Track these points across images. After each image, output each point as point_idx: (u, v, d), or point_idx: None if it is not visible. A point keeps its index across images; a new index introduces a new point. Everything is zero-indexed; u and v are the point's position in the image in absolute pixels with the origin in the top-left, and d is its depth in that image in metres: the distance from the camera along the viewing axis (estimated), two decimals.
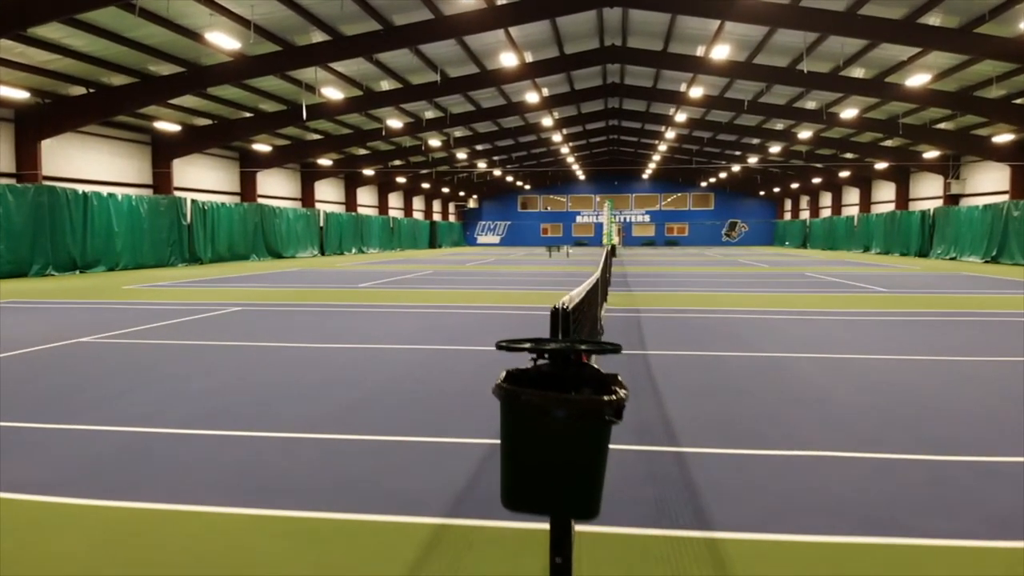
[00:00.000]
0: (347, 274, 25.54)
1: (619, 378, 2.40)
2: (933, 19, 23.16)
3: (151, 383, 6.98)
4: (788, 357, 8.38)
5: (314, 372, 7.56)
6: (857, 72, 30.12)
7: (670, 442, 4.91)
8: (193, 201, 33.19)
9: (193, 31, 21.64)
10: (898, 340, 9.72)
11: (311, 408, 5.98)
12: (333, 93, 27.71)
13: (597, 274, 7.97)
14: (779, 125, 43.72)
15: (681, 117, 42.09)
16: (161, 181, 32.86)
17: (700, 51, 29.42)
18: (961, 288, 18.83)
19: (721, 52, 26.38)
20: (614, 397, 2.23)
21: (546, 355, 2.44)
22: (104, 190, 28.68)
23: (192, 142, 32.81)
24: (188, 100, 29.29)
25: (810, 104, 36.93)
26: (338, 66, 27.61)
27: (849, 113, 34.18)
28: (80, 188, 27.02)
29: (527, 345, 2.40)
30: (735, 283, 20.81)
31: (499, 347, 2.44)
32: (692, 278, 23.15)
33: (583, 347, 2.37)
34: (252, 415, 5.74)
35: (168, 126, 29.89)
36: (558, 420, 2.20)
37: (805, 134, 40.69)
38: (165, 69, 24.78)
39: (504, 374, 2.42)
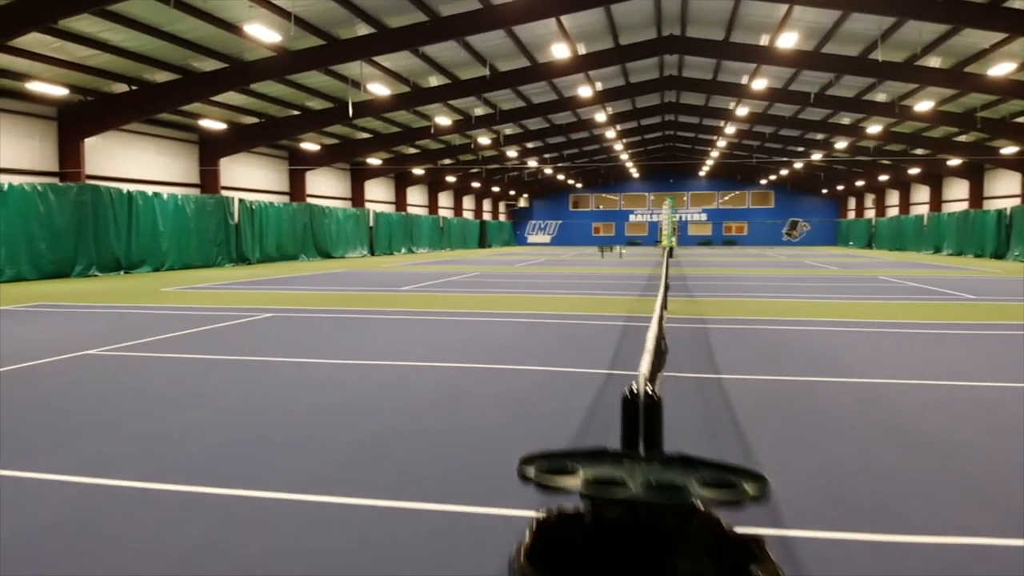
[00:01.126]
0: (392, 275, 24.61)
1: (764, 547, 1.18)
2: (1021, 2, 21.22)
3: (135, 414, 5.95)
4: (892, 384, 6.99)
5: (327, 398, 6.47)
6: (933, 62, 28.09)
7: (771, 519, 3.64)
8: (241, 200, 32.75)
9: (233, 24, 20.91)
10: (1013, 361, 8.23)
11: (310, 453, 4.85)
12: (380, 89, 26.82)
13: (662, 289, 6.72)
14: (846, 119, 41.52)
15: (742, 111, 40.21)
16: (208, 180, 32.45)
17: (764, 40, 27.75)
18: None
19: (788, 40, 24.73)
20: None
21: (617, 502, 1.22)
22: (149, 189, 28.30)
23: (239, 141, 32.33)
24: (234, 98, 28.73)
25: (880, 96, 34.81)
26: (384, 61, 26.71)
27: (924, 106, 32.01)
28: (125, 187, 26.65)
29: (577, 480, 1.20)
30: (806, 288, 19.22)
31: (523, 478, 1.25)
32: (758, 282, 21.59)
33: (704, 495, 1.15)
34: (235, 463, 4.65)
35: (214, 124, 29.40)
36: None
37: (874, 128, 38.48)
38: (207, 65, 24.17)
39: (526, 536, 1.20)
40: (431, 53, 26.86)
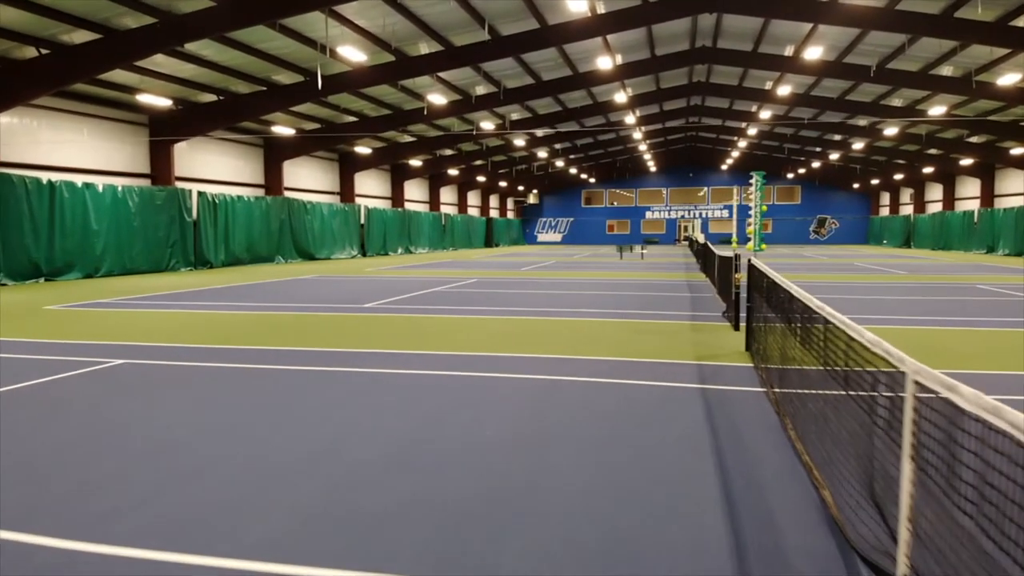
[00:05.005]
0: (369, 284, 19.66)
1: None
2: None
3: None
4: None
5: None
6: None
7: None
8: (200, 193, 27.91)
9: None
10: None
11: None
12: (353, 54, 21.75)
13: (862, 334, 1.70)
14: (897, 101, 36.19)
15: (783, 90, 34.88)
16: (160, 169, 27.54)
17: None
18: None
19: None
20: None
21: None
22: (82, 179, 23.50)
23: (195, 122, 27.36)
24: (182, 68, 23.79)
25: (946, 71, 29.57)
26: (356, 17, 21.66)
27: (1008, 79, 26.76)
28: (46, 176, 21.87)
29: None
30: (911, 305, 14.06)
31: None
32: (834, 293, 16.44)
33: None
34: None
35: (158, 100, 24.44)
36: None
37: (937, 110, 33.18)
38: (133, 20, 19.23)
39: None
40: (416, 9, 21.81)
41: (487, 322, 11.61)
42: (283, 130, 30.82)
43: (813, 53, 27.67)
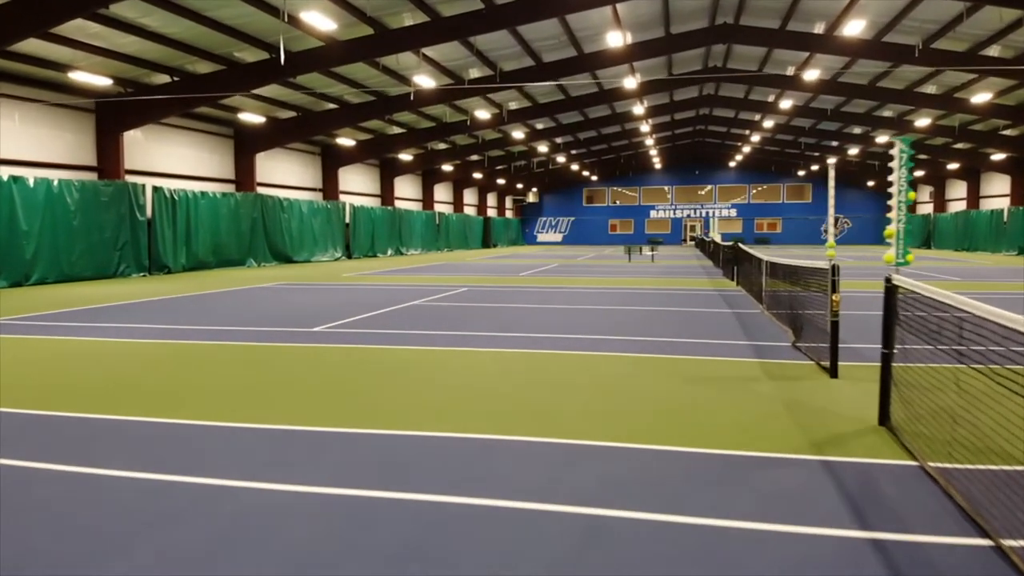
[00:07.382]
0: (335, 295, 16.30)
1: None
2: None
3: None
4: None
5: None
6: None
7: None
8: (156, 188, 24.57)
9: None
10: None
11: None
12: (321, 22, 18.41)
13: None
14: (932, 88, 32.84)
15: (810, 75, 31.40)
16: (108, 161, 24.19)
17: None
18: None
19: None
20: None
21: None
22: (12, 171, 20.21)
23: (147, 107, 23.90)
24: (125, 42, 20.44)
25: (993, 51, 26.25)
26: None
27: None
28: None
29: None
30: None
31: None
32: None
33: None
34: None
35: (94, 79, 21.04)
36: None
37: (981, 97, 29.83)
38: None
39: None
40: None
41: (467, 358, 8.28)
42: (254, 118, 27.43)
43: (851, 29, 24.31)
